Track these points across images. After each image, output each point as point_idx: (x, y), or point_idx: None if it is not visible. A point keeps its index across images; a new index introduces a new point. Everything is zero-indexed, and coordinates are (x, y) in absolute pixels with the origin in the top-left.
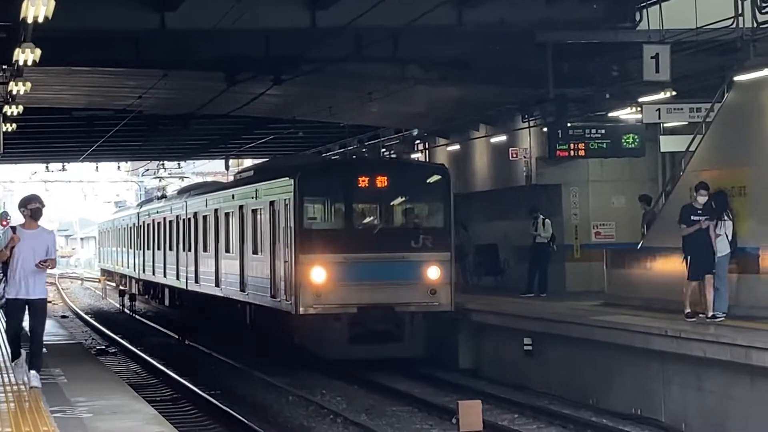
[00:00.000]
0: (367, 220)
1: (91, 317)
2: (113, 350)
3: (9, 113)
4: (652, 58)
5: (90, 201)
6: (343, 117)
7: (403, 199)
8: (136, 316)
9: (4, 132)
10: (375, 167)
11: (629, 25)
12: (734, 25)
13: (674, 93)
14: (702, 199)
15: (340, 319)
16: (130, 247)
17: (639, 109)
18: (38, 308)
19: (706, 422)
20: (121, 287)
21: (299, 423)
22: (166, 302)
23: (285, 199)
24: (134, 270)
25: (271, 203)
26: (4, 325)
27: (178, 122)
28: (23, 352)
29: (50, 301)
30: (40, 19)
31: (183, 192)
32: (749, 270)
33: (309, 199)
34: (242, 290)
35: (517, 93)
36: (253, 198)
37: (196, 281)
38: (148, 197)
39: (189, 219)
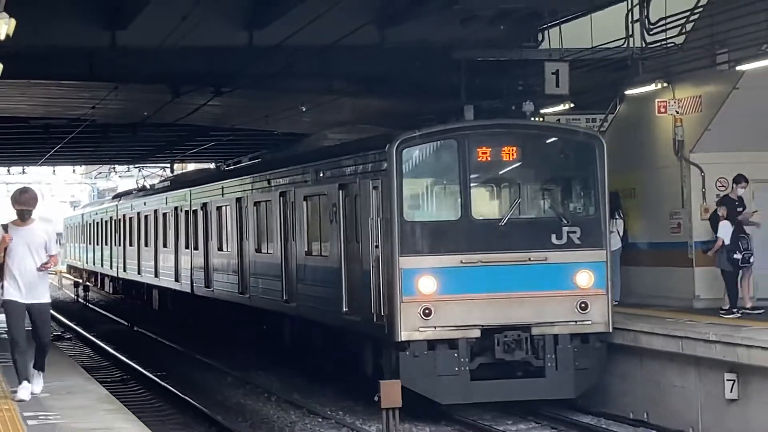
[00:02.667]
0: (492, 207)
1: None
2: (68, 336)
3: None
4: (552, 74)
5: (48, 201)
6: (277, 125)
7: (541, 177)
8: (89, 305)
9: None
10: (500, 134)
11: (533, 44)
12: (625, 45)
13: (572, 105)
14: (741, 191)
15: (456, 347)
16: (106, 244)
17: (542, 119)
18: (41, 314)
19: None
20: (77, 279)
21: (236, 401)
22: (155, 305)
23: (372, 181)
24: (111, 268)
25: (342, 187)
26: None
27: (128, 130)
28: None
29: None
30: (2, 37)
31: (179, 181)
32: (639, 263)
33: (411, 180)
34: (287, 301)
35: (434, 105)
36: (306, 182)
37: (207, 285)
38: (126, 191)
39: (195, 211)
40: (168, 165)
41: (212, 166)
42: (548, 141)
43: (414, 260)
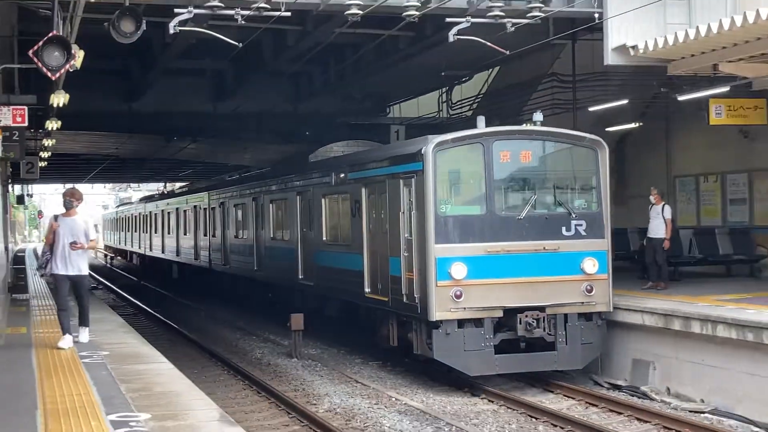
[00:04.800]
0: (512, 203)
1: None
2: (100, 287)
3: (42, 156)
4: (395, 132)
5: (89, 204)
6: (229, 160)
7: (553, 177)
8: (114, 269)
9: (40, 166)
10: (519, 139)
11: (384, 114)
12: (438, 116)
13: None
14: None
15: (482, 325)
16: (135, 231)
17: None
18: (79, 282)
19: None
20: (109, 254)
21: (205, 327)
22: (174, 275)
23: (404, 180)
24: (139, 248)
25: (367, 186)
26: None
27: (138, 162)
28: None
29: None
30: (61, 104)
31: (195, 187)
32: None
33: (444, 179)
34: (303, 279)
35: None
36: (327, 183)
37: (225, 263)
38: (150, 195)
39: (213, 208)
40: (163, 183)
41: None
42: (559, 145)
43: (447, 249)
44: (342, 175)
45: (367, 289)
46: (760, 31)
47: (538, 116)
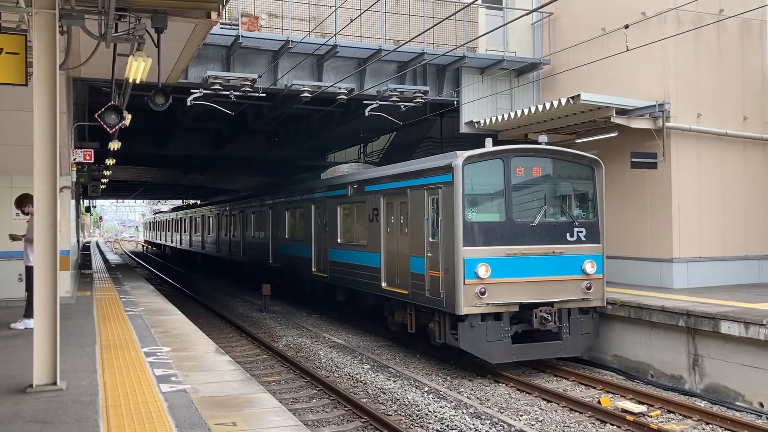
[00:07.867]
0: (527, 212)
1: (131, 254)
2: (138, 267)
3: (102, 181)
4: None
5: (132, 213)
6: (224, 185)
7: (559, 189)
8: (148, 254)
9: (100, 188)
10: (532, 157)
11: (323, 159)
12: (358, 161)
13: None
14: None
15: (501, 319)
16: (168, 231)
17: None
18: (28, 272)
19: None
20: (146, 245)
21: (209, 292)
22: (199, 263)
23: (428, 191)
24: (172, 243)
25: (386, 196)
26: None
27: (165, 186)
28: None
29: (116, 251)
30: (115, 148)
31: (218, 200)
32: None
33: (471, 189)
34: (317, 271)
35: (286, 179)
36: (344, 195)
37: (243, 255)
38: (179, 206)
39: (234, 214)
40: (181, 200)
41: (198, 202)
42: (564, 163)
43: (473, 251)
44: (358, 188)
45: (383, 283)
46: (550, 115)
47: (543, 138)
